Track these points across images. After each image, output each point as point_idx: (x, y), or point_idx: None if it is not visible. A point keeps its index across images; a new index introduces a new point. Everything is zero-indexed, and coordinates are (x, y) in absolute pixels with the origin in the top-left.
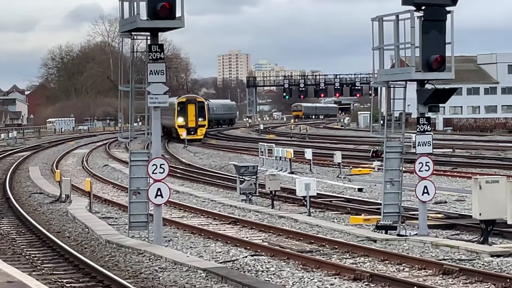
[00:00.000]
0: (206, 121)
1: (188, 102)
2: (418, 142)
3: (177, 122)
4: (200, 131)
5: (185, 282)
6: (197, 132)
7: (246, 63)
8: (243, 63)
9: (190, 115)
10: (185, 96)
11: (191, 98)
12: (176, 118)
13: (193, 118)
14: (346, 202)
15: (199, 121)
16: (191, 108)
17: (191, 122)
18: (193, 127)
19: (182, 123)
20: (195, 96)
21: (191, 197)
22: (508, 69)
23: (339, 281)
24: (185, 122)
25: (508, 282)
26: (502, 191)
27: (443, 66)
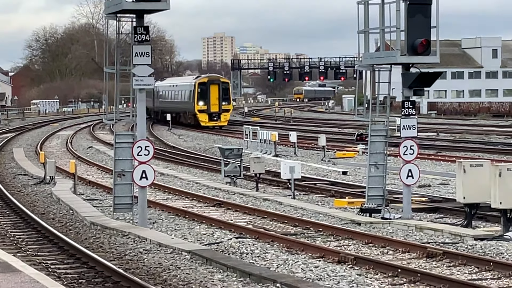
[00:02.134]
0: (231, 105)
1: (211, 83)
2: (403, 125)
3: (197, 106)
4: (224, 116)
5: (170, 264)
6: (220, 118)
7: (230, 45)
8: (227, 46)
9: (212, 98)
10: (206, 76)
11: (214, 78)
12: (195, 101)
13: (216, 102)
14: (331, 185)
15: (223, 105)
16: (214, 90)
17: (214, 107)
18: (216, 112)
19: (203, 108)
20: (218, 76)
21: (175, 179)
22: (493, 53)
23: (323, 264)
24: (207, 106)
25: (491, 265)
26: (486, 175)
27: (428, 50)
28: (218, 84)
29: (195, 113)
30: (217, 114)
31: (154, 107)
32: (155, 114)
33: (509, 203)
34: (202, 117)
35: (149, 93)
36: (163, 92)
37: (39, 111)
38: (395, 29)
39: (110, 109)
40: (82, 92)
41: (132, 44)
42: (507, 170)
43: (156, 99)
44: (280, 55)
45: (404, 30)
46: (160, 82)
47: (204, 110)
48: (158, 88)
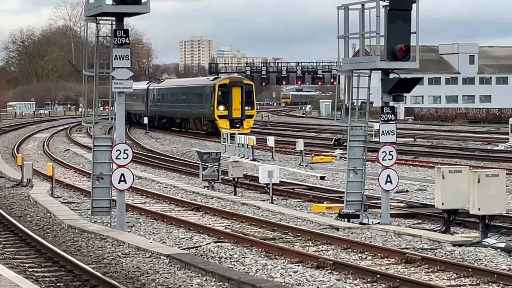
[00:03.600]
0: (254, 111)
1: (233, 85)
2: (382, 131)
3: (217, 112)
4: (247, 123)
5: (148, 268)
6: (243, 125)
7: (208, 49)
8: (205, 50)
9: (235, 102)
10: (228, 77)
11: (236, 80)
12: (214, 106)
13: (239, 106)
14: (309, 190)
15: (246, 110)
16: (236, 92)
17: (236, 112)
18: (239, 118)
19: (223, 113)
20: (241, 77)
21: (153, 183)
22: (469, 59)
23: (302, 269)
24: (228, 111)
25: (469, 272)
26: (464, 181)
27: (408, 56)
28: (241, 86)
29: (214, 119)
30: (239, 121)
31: (148, 112)
32: (149, 119)
33: (487, 209)
34: (222, 124)
35: (139, 96)
36: (162, 95)
37: (15, 113)
38: (375, 34)
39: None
40: (58, 95)
41: (112, 47)
42: (486, 176)
43: (151, 102)
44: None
45: (384, 35)
46: (157, 84)
47: (225, 115)
48: (153, 91)
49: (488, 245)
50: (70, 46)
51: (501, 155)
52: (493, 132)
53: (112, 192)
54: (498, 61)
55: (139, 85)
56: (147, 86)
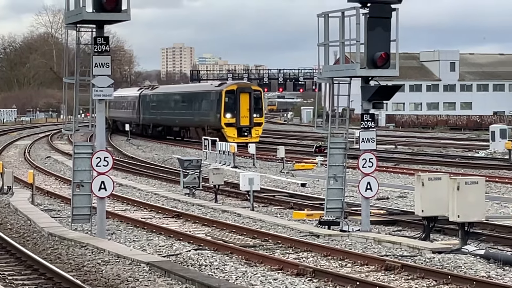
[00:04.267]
0: (263, 118)
1: (241, 91)
2: (362, 138)
3: (224, 119)
4: (255, 131)
5: (128, 276)
6: (251, 134)
7: (190, 56)
8: (187, 57)
9: (243, 110)
10: (235, 83)
11: (244, 86)
12: (221, 113)
13: (247, 114)
14: (289, 197)
15: (255, 118)
16: (244, 99)
17: (244, 120)
18: (247, 126)
19: (230, 121)
20: (249, 83)
21: (134, 190)
22: (450, 66)
23: (282, 276)
24: (236, 119)
25: (449, 279)
26: (444, 188)
27: (388, 63)
28: (249, 92)
29: (221, 127)
30: (248, 129)
31: (141, 120)
32: (142, 128)
33: (466, 216)
34: (229, 132)
35: (129, 104)
36: (158, 102)
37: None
38: (355, 42)
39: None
40: (40, 102)
41: (92, 55)
42: (465, 183)
43: (144, 110)
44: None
45: (364, 43)
46: (151, 90)
47: (232, 123)
48: (147, 97)
49: (468, 252)
50: (52, 53)
51: (481, 162)
52: (473, 139)
53: (93, 199)
54: (479, 68)
55: (130, 92)
56: (139, 92)
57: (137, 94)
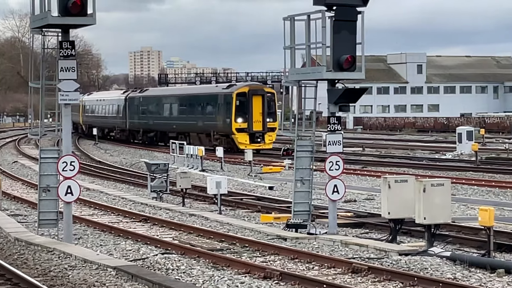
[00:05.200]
0: (277, 123)
1: (253, 94)
2: (329, 141)
3: (235, 125)
4: (269, 137)
5: (95, 280)
6: (264, 140)
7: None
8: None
9: (255, 114)
10: (247, 85)
11: (256, 87)
12: (232, 118)
13: (260, 118)
14: (257, 200)
15: (268, 123)
16: (257, 102)
17: (257, 124)
18: (260, 131)
19: (242, 126)
20: (261, 85)
21: (101, 194)
22: (418, 69)
23: (249, 280)
24: (248, 124)
25: (415, 281)
26: (410, 190)
27: (354, 66)
28: (262, 95)
29: (232, 132)
30: (260, 134)
31: (128, 125)
32: (129, 133)
33: (433, 218)
34: (241, 138)
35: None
36: (150, 106)
37: None
38: (321, 45)
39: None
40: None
41: (58, 59)
42: (431, 185)
43: (132, 114)
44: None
45: (330, 46)
46: (140, 93)
47: (244, 129)
48: (135, 100)
49: (434, 254)
50: (19, 57)
51: (448, 164)
52: (440, 141)
53: (60, 204)
54: (446, 71)
55: (111, 95)
56: (125, 95)
57: (122, 97)
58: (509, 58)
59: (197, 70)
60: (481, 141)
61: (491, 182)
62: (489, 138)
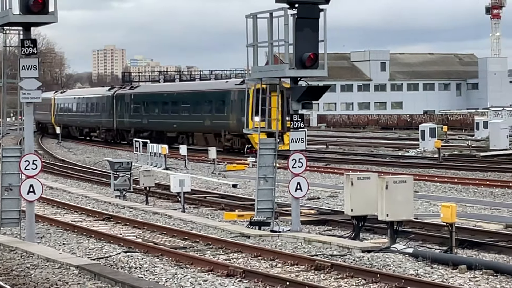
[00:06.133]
0: None
1: (272, 90)
2: (292, 139)
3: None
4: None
5: (58, 279)
6: (283, 140)
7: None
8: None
9: (274, 111)
10: None
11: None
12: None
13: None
14: (221, 198)
15: (288, 122)
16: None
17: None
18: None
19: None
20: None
21: (64, 193)
22: (381, 66)
23: (212, 277)
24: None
25: (378, 277)
26: (373, 188)
27: (316, 64)
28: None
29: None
30: (280, 135)
31: (116, 124)
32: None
33: (395, 215)
34: None
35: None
36: (145, 104)
37: None
38: (284, 43)
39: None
40: None
41: (19, 57)
42: (394, 182)
43: (121, 112)
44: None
45: (292, 44)
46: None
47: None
48: (124, 98)
49: (397, 251)
50: None
51: (411, 161)
52: (404, 139)
53: (22, 203)
54: (409, 68)
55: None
56: (112, 92)
57: (109, 94)
58: (472, 55)
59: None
60: (444, 138)
61: (454, 179)
62: (452, 135)
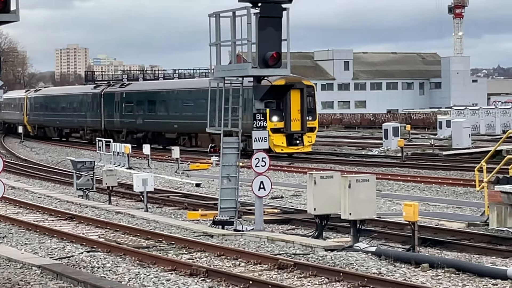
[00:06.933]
0: (316, 122)
1: (292, 88)
2: (255, 138)
3: (269, 124)
4: (308, 138)
5: (20, 279)
6: (303, 142)
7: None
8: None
9: (293, 111)
10: (283, 77)
11: (294, 80)
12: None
13: (298, 116)
14: (184, 197)
15: (308, 122)
16: (295, 97)
17: (295, 124)
18: (299, 132)
19: (278, 125)
20: (299, 77)
21: (26, 192)
22: (344, 65)
23: (175, 277)
24: (285, 123)
25: (341, 276)
26: (336, 187)
27: (279, 63)
28: (301, 89)
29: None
30: (299, 136)
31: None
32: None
33: (358, 214)
34: (277, 140)
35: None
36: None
37: None
38: (247, 42)
39: None
40: None
41: None
42: (357, 181)
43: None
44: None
45: (255, 43)
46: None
47: (280, 129)
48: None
49: (359, 250)
50: None
51: (374, 160)
52: (367, 137)
53: None
54: (372, 67)
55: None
56: (99, 90)
57: (95, 92)
58: (435, 54)
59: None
60: (407, 137)
61: (417, 177)
62: (415, 134)
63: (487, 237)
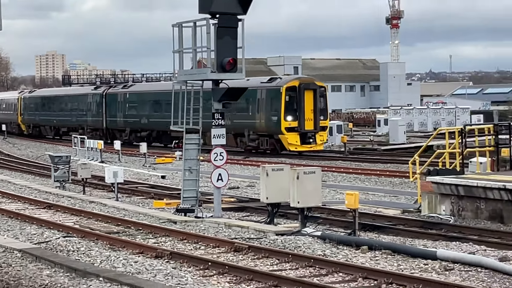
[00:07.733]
0: (328, 121)
1: (305, 88)
2: (214, 134)
3: (284, 123)
4: (320, 137)
5: (2, 262)
6: (316, 140)
7: (62, 62)
8: (59, 63)
9: (307, 111)
10: (297, 78)
11: (308, 81)
12: (281, 115)
13: (312, 116)
14: (151, 188)
15: (321, 121)
16: (308, 98)
17: (309, 123)
18: (312, 131)
19: (292, 124)
20: (312, 78)
21: (9, 184)
22: (294, 70)
23: (142, 259)
24: (299, 122)
25: (290, 258)
26: (286, 178)
27: (235, 68)
28: (314, 90)
29: (280, 132)
30: (312, 134)
31: (105, 123)
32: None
33: (305, 202)
34: (291, 139)
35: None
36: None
37: None
38: (206, 49)
39: None
40: None
41: None
42: (304, 173)
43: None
44: (107, 71)
45: (214, 50)
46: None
47: (295, 128)
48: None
49: (307, 234)
50: None
51: (320, 154)
52: None
53: None
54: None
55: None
56: (101, 91)
57: (95, 93)
58: (374, 60)
59: (97, 71)
60: (349, 133)
61: (358, 169)
62: (357, 131)
63: (419, 222)
